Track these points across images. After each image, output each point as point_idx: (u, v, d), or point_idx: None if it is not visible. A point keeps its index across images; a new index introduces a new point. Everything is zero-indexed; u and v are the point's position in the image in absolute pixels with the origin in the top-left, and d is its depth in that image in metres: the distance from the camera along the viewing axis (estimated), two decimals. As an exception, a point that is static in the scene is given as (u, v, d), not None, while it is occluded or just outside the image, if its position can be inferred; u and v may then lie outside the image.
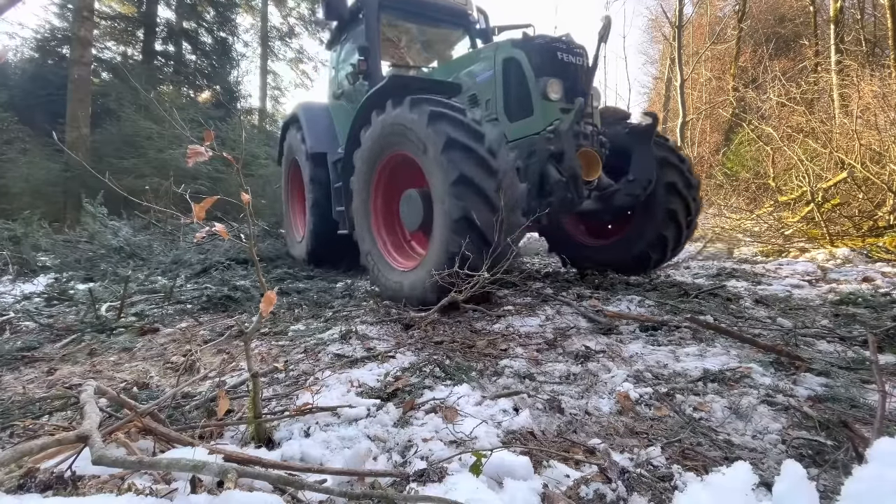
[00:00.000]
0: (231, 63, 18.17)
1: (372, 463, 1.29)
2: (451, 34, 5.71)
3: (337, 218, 4.89)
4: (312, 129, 5.42)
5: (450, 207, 2.85)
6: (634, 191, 3.76)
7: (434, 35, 5.72)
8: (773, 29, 19.96)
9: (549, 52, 3.55)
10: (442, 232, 2.94)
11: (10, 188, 10.24)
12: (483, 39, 5.49)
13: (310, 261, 5.49)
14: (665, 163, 3.97)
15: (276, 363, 2.20)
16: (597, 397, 1.75)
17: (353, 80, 4.83)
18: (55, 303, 3.59)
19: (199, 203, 1.41)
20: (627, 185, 3.76)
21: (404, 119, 3.21)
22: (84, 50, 10.68)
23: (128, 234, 6.08)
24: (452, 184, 2.81)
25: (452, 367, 2.03)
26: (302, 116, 5.58)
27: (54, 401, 1.75)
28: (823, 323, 2.75)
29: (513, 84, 3.64)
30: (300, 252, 5.69)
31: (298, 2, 20.55)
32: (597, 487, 1.16)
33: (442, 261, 2.91)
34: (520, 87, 3.58)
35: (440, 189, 2.93)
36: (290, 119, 6.00)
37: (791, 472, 0.95)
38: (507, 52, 3.67)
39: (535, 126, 3.52)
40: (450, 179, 2.83)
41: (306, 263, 5.55)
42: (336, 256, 5.42)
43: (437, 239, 2.99)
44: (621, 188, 3.75)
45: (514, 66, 3.61)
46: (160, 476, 1.17)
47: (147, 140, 10.98)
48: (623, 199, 3.78)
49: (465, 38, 5.66)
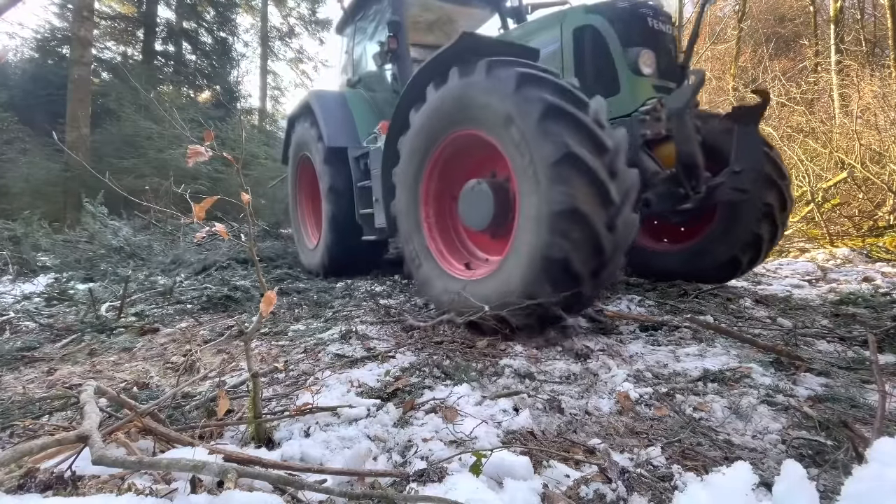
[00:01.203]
0: (231, 63, 18.19)
1: (372, 463, 1.29)
2: (479, 13, 5.14)
3: (361, 222, 4.32)
4: (329, 120, 4.66)
5: (551, 197, 2.18)
6: (741, 184, 3.03)
7: (460, 14, 5.11)
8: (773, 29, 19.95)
9: (637, 19, 3.02)
10: (534, 231, 2.27)
11: (10, 188, 10.25)
12: (516, 19, 4.94)
13: (327, 272, 4.80)
14: None
15: (276, 363, 2.20)
16: (597, 397, 1.74)
17: (381, 62, 4.24)
18: (55, 303, 3.59)
19: (199, 203, 1.41)
20: (732, 177, 3.02)
21: (478, 87, 2.55)
22: (84, 50, 10.68)
23: (128, 234, 6.08)
24: (554, 164, 2.17)
25: (452, 367, 2.03)
26: (316, 106, 4.78)
27: (54, 401, 1.74)
28: (823, 323, 2.75)
29: (589, 57, 3.09)
30: (314, 261, 5.02)
31: (298, 2, 20.56)
32: (597, 487, 1.16)
33: (534, 270, 2.26)
34: (600, 61, 3.05)
35: (532, 173, 2.28)
36: (300, 110, 5.25)
37: (791, 472, 0.95)
38: (580, 19, 3.14)
39: (623, 106, 3.00)
40: (550, 158, 2.18)
41: (322, 276, 4.84)
42: (357, 266, 4.88)
43: (524, 241, 2.34)
44: (724, 181, 3.03)
45: (590, 35, 3.09)
46: (160, 476, 1.17)
47: (147, 140, 10.99)
48: (728, 193, 3.07)
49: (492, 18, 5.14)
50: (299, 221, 5.66)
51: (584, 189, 2.15)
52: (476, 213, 2.76)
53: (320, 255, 4.82)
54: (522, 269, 2.32)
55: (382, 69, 4.51)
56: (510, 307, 2.32)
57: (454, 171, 3.04)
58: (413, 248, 3.11)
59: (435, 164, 3.01)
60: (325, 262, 4.76)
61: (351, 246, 4.51)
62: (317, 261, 4.91)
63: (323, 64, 21.67)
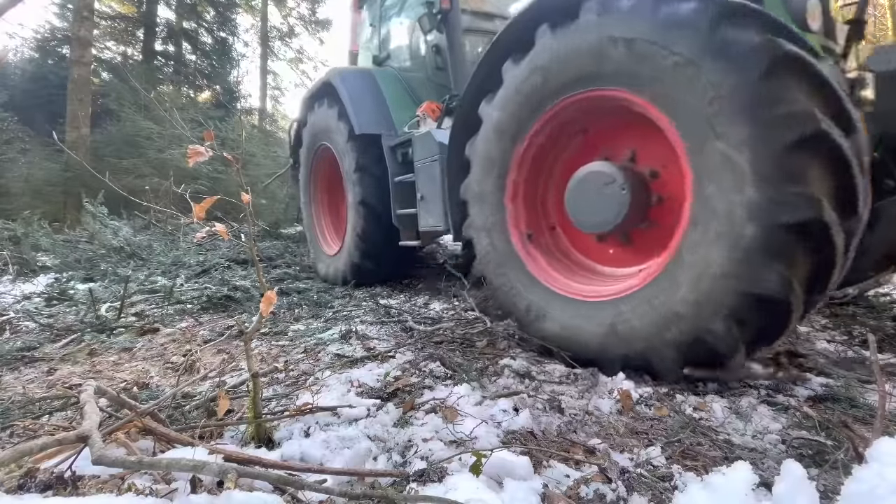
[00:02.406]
0: (231, 63, 18.21)
1: (372, 463, 1.30)
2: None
3: (398, 224, 3.71)
4: (358, 103, 3.95)
5: (774, 197, 1.49)
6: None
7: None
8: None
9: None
10: (726, 249, 1.58)
11: (10, 188, 10.25)
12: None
13: (354, 280, 4.11)
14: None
15: (276, 363, 2.20)
16: (597, 397, 1.74)
17: (429, 27, 3.53)
18: (55, 303, 3.59)
19: (199, 203, 1.42)
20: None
21: (637, 25, 1.77)
22: (84, 50, 10.67)
23: (128, 234, 6.08)
24: (790, 148, 1.47)
25: (452, 367, 2.03)
26: (341, 87, 4.03)
27: (54, 401, 1.75)
28: (823, 323, 2.75)
29: None
30: (335, 269, 4.32)
31: (298, 2, 20.57)
32: (597, 487, 1.16)
33: (720, 306, 1.61)
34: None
35: (732, 159, 1.56)
36: (318, 92, 4.49)
37: (791, 472, 0.95)
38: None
39: None
40: (783, 139, 1.48)
41: (346, 283, 4.15)
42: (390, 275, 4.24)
43: (702, 261, 1.65)
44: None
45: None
46: (160, 476, 1.17)
47: (147, 140, 10.99)
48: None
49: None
50: (314, 223, 4.92)
51: (830, 189, 1.50)
52: (596, 210, 2.04)
53: (344, 262, 4.17)
54: (694, 301, 1.66)
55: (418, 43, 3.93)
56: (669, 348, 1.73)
57: (557, 151, 2.36)
58: (497, 257, 2.41)
59: (535, 138, 2.26)
60: (349, 270, 4.12)
61: (387, 239, 3.85)
62: (339, 269, 4.26)
63: (323, 64, 21.69)
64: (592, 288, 2.16)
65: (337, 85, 4.07)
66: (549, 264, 2.33)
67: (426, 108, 3.49)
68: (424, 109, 3.52)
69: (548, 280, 2.25)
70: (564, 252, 2.44)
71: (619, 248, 2.27)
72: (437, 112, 3.46)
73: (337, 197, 4.68)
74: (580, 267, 2.37)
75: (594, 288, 2.15)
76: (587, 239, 2.38)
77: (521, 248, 2.35)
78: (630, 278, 2.03)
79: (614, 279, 2.19)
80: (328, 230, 4.85)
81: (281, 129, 17.43)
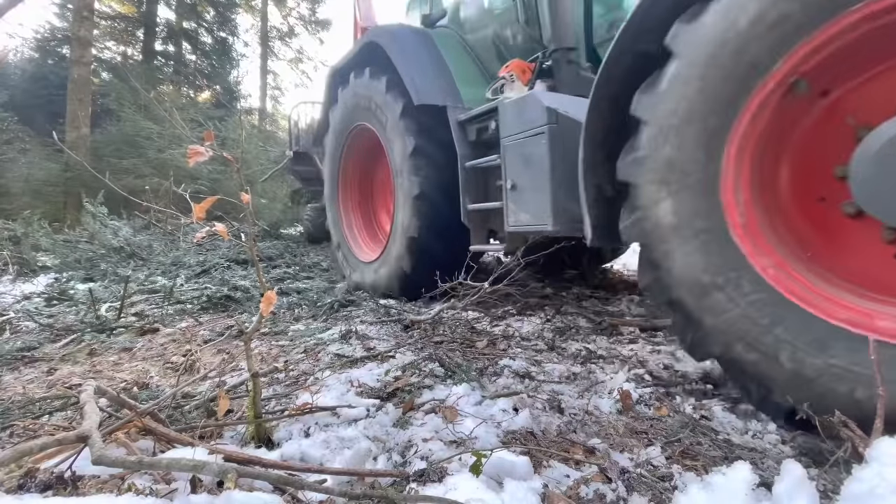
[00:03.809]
0: (231, 63, 18.23)
1: (372, 463, 1.30)
2: None
3: (468, 223, 2.97)
4: (416, 68, 3.15)
5: None
6: None
7: None
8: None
9: None
10: None
11: (10, 188, 10.26)
12: None
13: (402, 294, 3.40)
14: None
15: (275, 363, 2.20)
16: (597, 397, 1.74)
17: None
18: (55, 303, 3.59)
19: (199, 203, 1.41)
20: None
21: None
22: (84, 50, 10.68)
23: (128, 234, 6.08)
24: None
25: (452, 367, 2.03)
26: (393, 47, 3.25)
27: (54, 401, 1.74)
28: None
29: None
30: (374, 279, 3.60)
31: (298, 2, 20.59)
32: (597, 487, 1.16)
33: None
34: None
35: None
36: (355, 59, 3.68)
37: (791, 472, 0.95)
38: None
39: None
40: None
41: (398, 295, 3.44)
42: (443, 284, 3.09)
43: None
44: None
45: None
46: (160, 476, 1.17)
47: (147, 140, 11.00)
48: None
49: None
50: (343, 221, 4.13)
51: None
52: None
53: (389, 272, 3.43)
54: None
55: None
56: None
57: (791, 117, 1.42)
58: (712, 262, 1.45)
59: (764, 94, 1.34)
60: (397, 282, 3.38)
61: (443, 259, 2.97)
62: (381, 280, 3.52)
63: (323, 64, 21.70)
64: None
65: (387, 46, 3.25)
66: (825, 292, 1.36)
67: (514, 67, 2.76)
68: (512, 69, 2.77)
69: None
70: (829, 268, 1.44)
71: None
72: (528, 73, 2.79)
73: (373, 190, 4.03)
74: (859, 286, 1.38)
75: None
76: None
77: (763, 272, 1.38)
78: None
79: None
80: (363, 231, 4.12)
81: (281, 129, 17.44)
